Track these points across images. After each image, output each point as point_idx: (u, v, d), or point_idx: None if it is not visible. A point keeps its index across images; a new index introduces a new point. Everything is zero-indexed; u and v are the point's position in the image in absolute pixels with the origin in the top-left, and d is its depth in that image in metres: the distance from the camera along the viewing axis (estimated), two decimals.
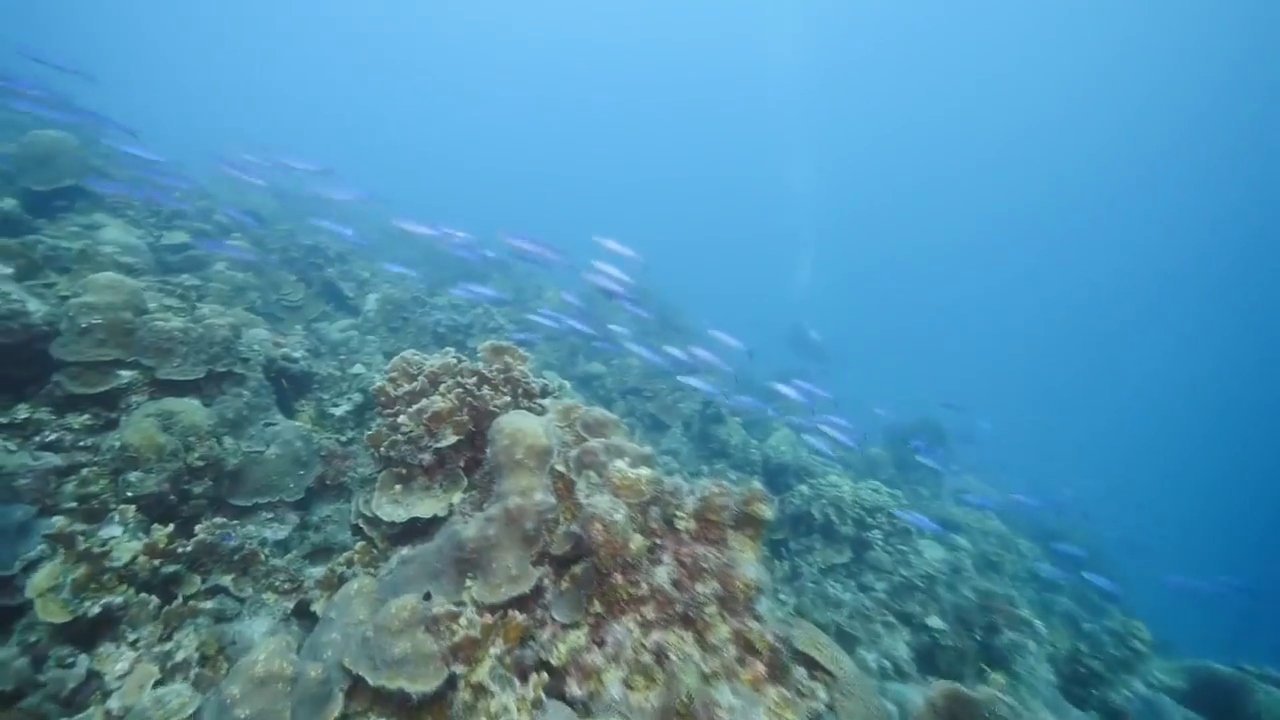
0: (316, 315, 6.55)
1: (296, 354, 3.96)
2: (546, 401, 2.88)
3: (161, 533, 2.15)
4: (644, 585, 2.01)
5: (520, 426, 2.43)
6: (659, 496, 2.21)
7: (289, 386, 3.92)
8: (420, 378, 2.75)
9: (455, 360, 2.84)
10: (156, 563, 2.09)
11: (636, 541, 1.98)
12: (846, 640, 3.89)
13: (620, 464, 2.14)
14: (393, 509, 2.53)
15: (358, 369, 4.62)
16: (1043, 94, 42.30)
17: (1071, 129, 42.77)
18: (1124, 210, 43.82)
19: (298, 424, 3.49)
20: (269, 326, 4.76)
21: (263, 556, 2.53)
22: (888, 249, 53.53)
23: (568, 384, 3.11)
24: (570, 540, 2.24)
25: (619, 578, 1.98)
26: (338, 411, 4.12)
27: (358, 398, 4.19)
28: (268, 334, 3.99)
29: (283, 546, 3.01)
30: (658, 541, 2.16)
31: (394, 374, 2.83)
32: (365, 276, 7.32)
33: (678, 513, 2.22)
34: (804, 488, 5.85)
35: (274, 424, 3.24)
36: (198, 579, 2.33)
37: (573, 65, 57.38)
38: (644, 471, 2.13)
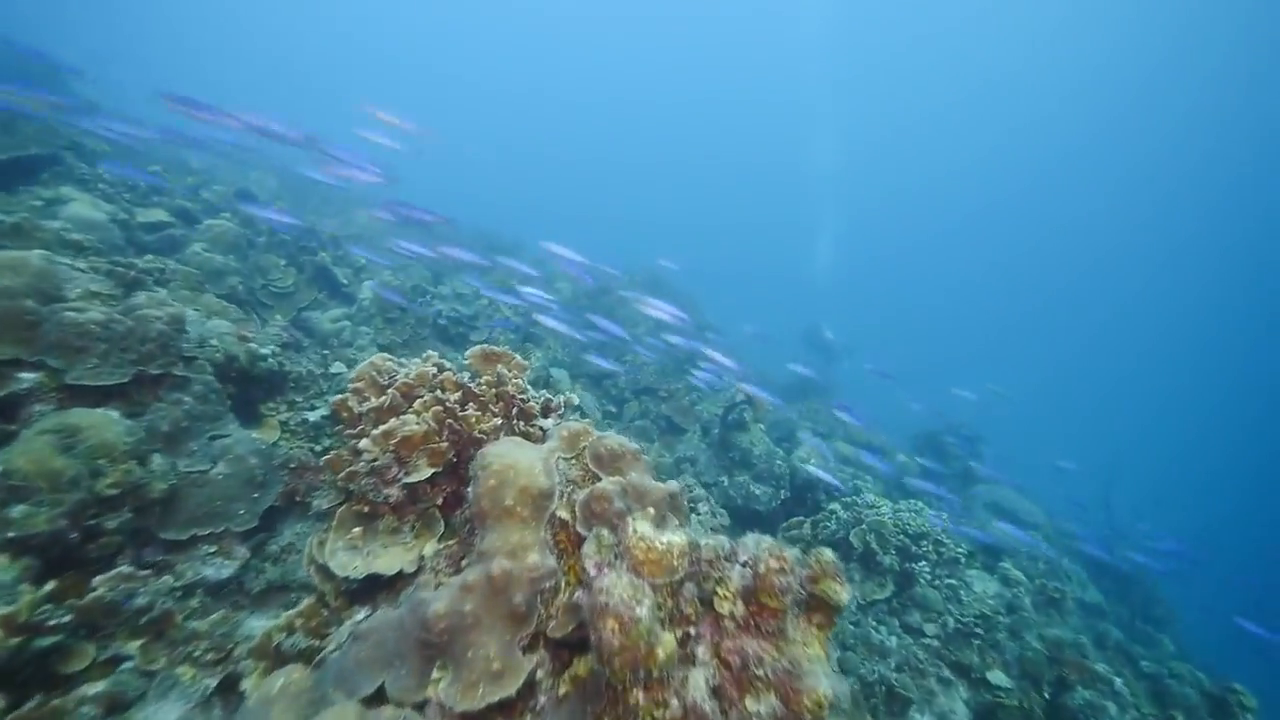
0: (308, 303, 6.02)
1: (264, 350, 3.42)
2: (549, 423, 2.30)
3: (25, 600, 1.62)
4: (674, 703, 1.44)
5: (512, 461, 1.86)
6: (695, 569, 1.64)
7: (255, 388, 3.39)
8: (391, 390, 2.19)
9: (435, 370, 2.28)
10: (15, 640, 1.56)
11: (666, 646, 1.41)
12: (897, 701, 3.32)
13: (643, 527, 1.56)
14: (348, 559, 1.98)
15: (338, 367, 4.08)
16: (1068, 86, 40.81)
17: (1096, 121, 41.32)
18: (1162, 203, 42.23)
19: (256, 435, 2.95)
20: (242, 316, 4.23)
21: (178, 619, 1.99)
22: (911, 235, 52.31)
23: (575, 398, 2.55)
24: (575, 617, 1.68)
25: (640, 695, 1.41)
26: (313, 416, 3.60)
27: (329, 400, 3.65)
28: (231, 326, 3.45)
29: (224, 588, 2.48)
30: (692, 630, 1.59)
31: (359, 384, 2.27)
32: (362, 262, 6.78)
33: (720, 589, 1.64)
34: (838, 507, 5.26)
35: (224, 436, 2.70)
36: (91, 649, 1.80)
37: (593, 47, 56.51)
38: (675, 540, 1.55)
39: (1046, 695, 3.64)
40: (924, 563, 4.44)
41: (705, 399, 8.11)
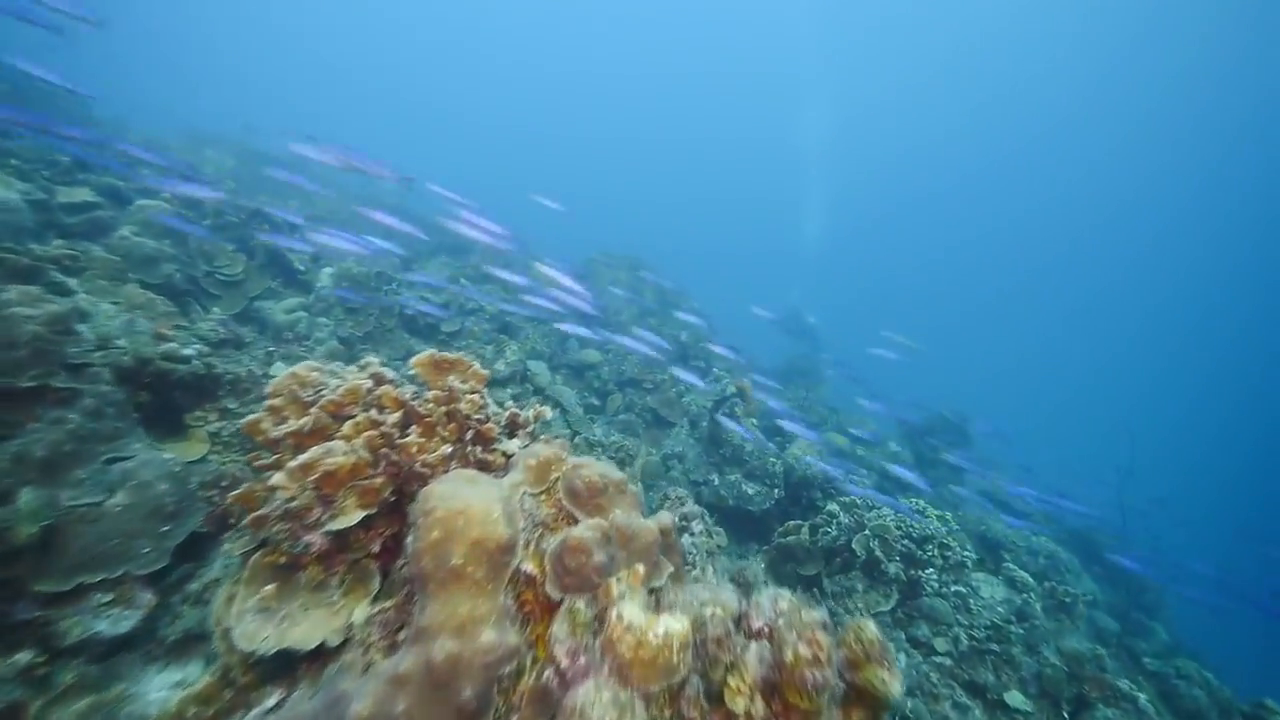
0: (259, 292, 5.50)
1: (188, 350, 2.95)
2: (514, 444, 1.89)
3: None
4: None
5: (462, 505, 1.45)
6: (699, 654, 1.25)
7: (179, 395, 2.92)
8: (315, 410, 1.76)
9: (372, 383, 1.85)
10: None
11: None
12: None
13: (631, 612, 1.16)
14: (257, 627, 1.56)
15: (279, 368, 3.61)
16: (1061, 55, 40.30)
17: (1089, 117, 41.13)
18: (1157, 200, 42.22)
19: (172, 453, 2.50)
20: (172, 309, 3.74)
21: (31, 712, 1.57)
22: (897, 210, 52.09)
23: (549, 410, 2.13)
24: (544, 708, 1.29)
25: None
26: None
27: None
28: (149, 324, 2.97)
29: (126, 644, 2.05)
30: None
31: (277, 400, 1.83)
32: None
33: (732, 680, 1.26)
34: (836, 508, 4.93)
35: (124, 459, 2.25)
36: None
37: (575, 17, 55.04)
38: (674, 628, 1.15)
39: (1067, 716, 3.37)
40: (931, 570, 4.13)
41: (693, 390, 7.74)
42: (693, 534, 2.76)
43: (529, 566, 1.51)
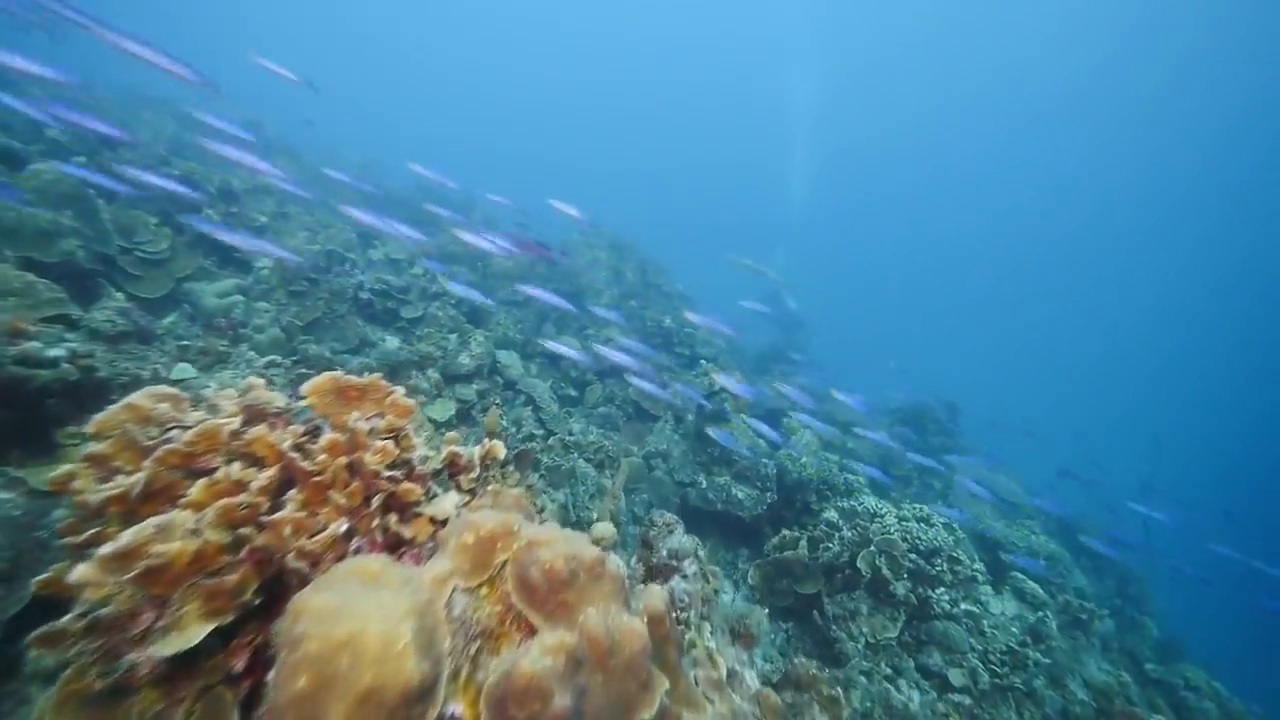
0: (189, 272, 4.84)
1: (54, 351, 2.35)
2: (449, 504, 1.37)
3: None
4: None
5: (347, 633, 0.93)
6: None
7: (51, 406, 2.34)
8: (153, 461, 1.21)
9: (240, 420, 1.30)
10: None
11: None
12: None
13: None
14: None
15: (183, 370, 3.03)
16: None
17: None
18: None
19: (6, 495, 1.93)
20: (56, 294, 3.11)
21: None
22: (885, 186, 51.57)
23: (502, 448, 1.62)
24: None
25: None
26: None
27: None
28: (4, 319, 2.37)
29: None
30: None
31: (104, 445, 1.28)
32: (263, 221, 5.57)
33: None
34: (835, 516, 4.52)
35: None
36: None
37: None
38: None
39: None
40: (941, 589, 3.74)
41: (678, 380, 7.25)
42: (685, 576, 2.29)
43: (458, 708, 1.00)
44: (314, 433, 1.30)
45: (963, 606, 3.81)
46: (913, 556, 3.85)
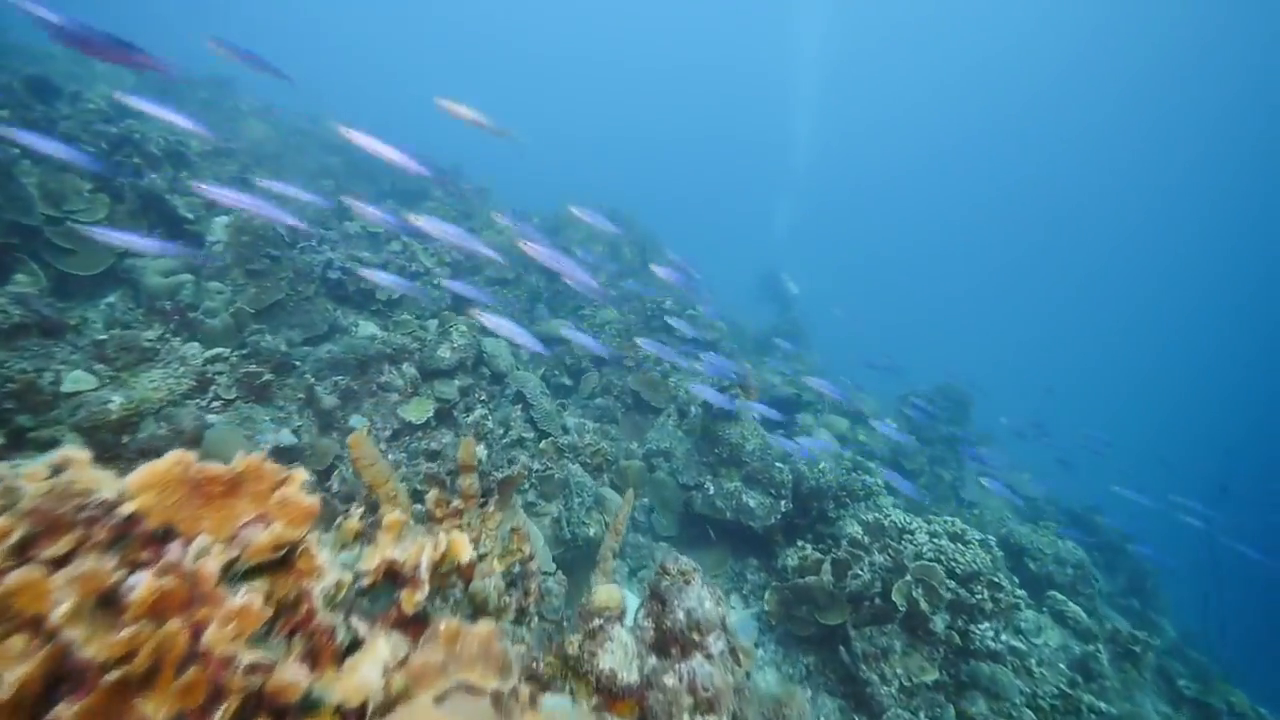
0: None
1: None
2: (367, 675, 0.84)
3: None
4: None
5: None
6: None
7: None
8: None
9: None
10: None
11: None
12: None
13: None
14: None
15: (77, 381, 2.48)
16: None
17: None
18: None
19: None
20: None
21: None
22: (886, 171, 50.42)
23: (467, 547, 1.11)
24: None
25: None
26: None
27: (71, 439, 2.09)
28: None
29: None
30: None
31: None
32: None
33: None
34: (856, 529, 4.07)
35: None
36: None
37: None
38: None
39: None
40: (986, 624, 3.31)
41: (681, 369, 6.74)
42: (710, 656, 1.81)
43: None
44: (144, 565, 0.77)
45: (1006, 640, 3.38)
46: (951, 584, 3.41)
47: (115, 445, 2.22)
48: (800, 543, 4.51)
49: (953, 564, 3.61)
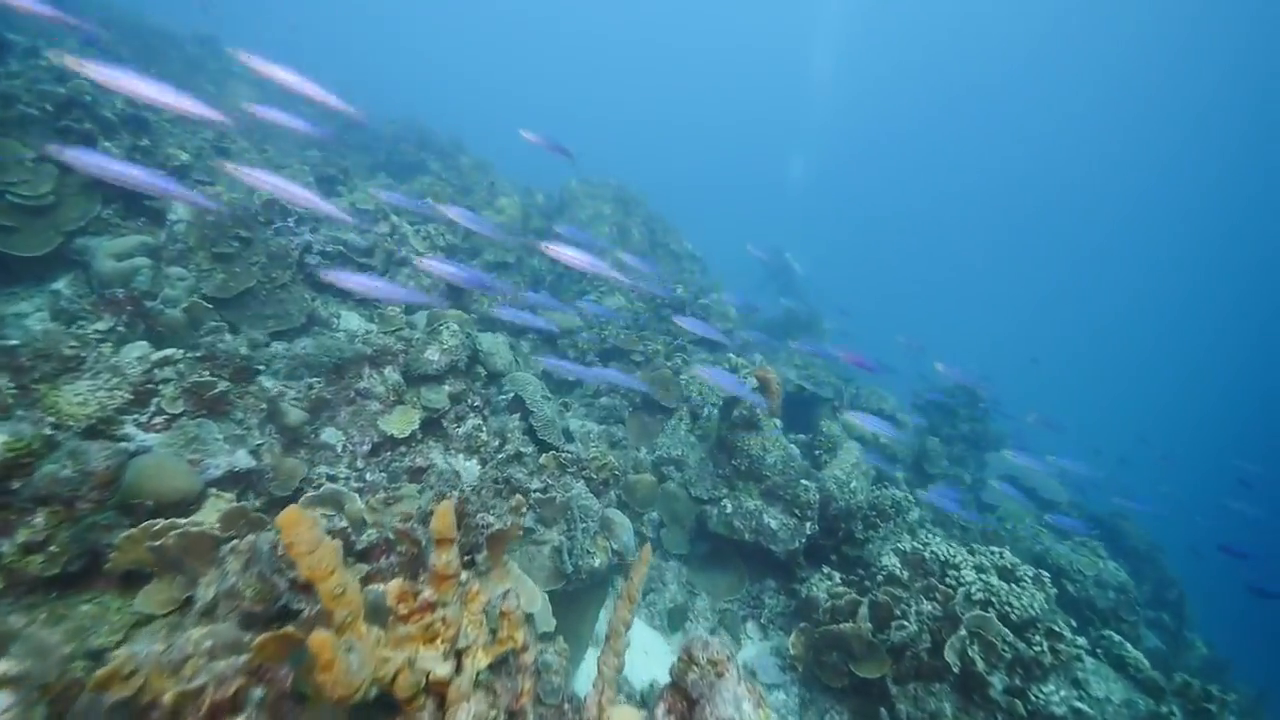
0: (78, 223, 3.74)
1: None
2: None
3: None
4: None
5: None
6: None
7: None
8: None
9: None
10: None
11: None
12: None
13: None
14: None
15: None
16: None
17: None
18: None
19: None
20: None
21: None
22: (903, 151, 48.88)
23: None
24: None
25: None
26: None
27: None
28: None
29: None
30: None
31: None
32: (183, 159, 4.41)
33: None
34: (893, 562, 3.63)
35: None
36: None
37: None
38: None
39: None
40: (1048, 685, 2.89)
41: (695, 364, 6.26)
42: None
43: None
44: None
45: (1069, 701, 2.96)
46: (1008, 638, 2.97)
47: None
48: (826, 569, 4.08)
49: (1007, 608, 3.18)
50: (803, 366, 8.67)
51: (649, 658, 3.84)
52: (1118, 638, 3.78)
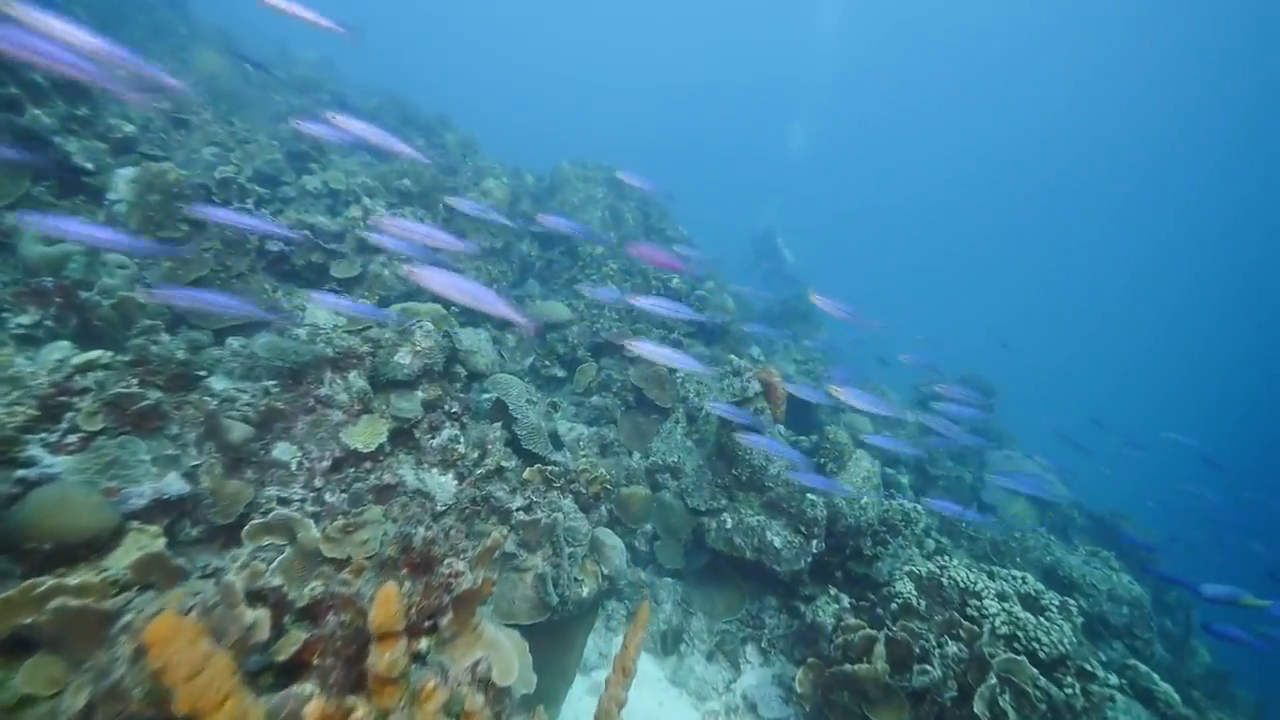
0: (9, 201, 3.31)
1: None
2: None
3: None
4: None
5: None
6: None
7: None
8: None
9: None
10: None
11: None
12: None
13: None
14: None
15: None
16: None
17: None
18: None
19: None
20: None
21: None
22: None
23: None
24: None
25: None
26: None
27: None
28: None
29: None
30: None
31: None
32: (129, 131, 3.95)
33: None
34: (908, 588, 3.34)
35: None
36: None
37: None
38: None
39: None
40: None
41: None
42: None
43: None
44: None
45: None
46: (1041, 683, 2.69)
47: None
48: (832, 591, 3.80)
49: (1034, 644, 2.90)
50: (802, 361, 8.36)
51: (640, 685, 3.55)
52: (1144, 669, 3.53)
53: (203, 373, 2.68)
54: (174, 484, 2.25)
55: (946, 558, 3.59)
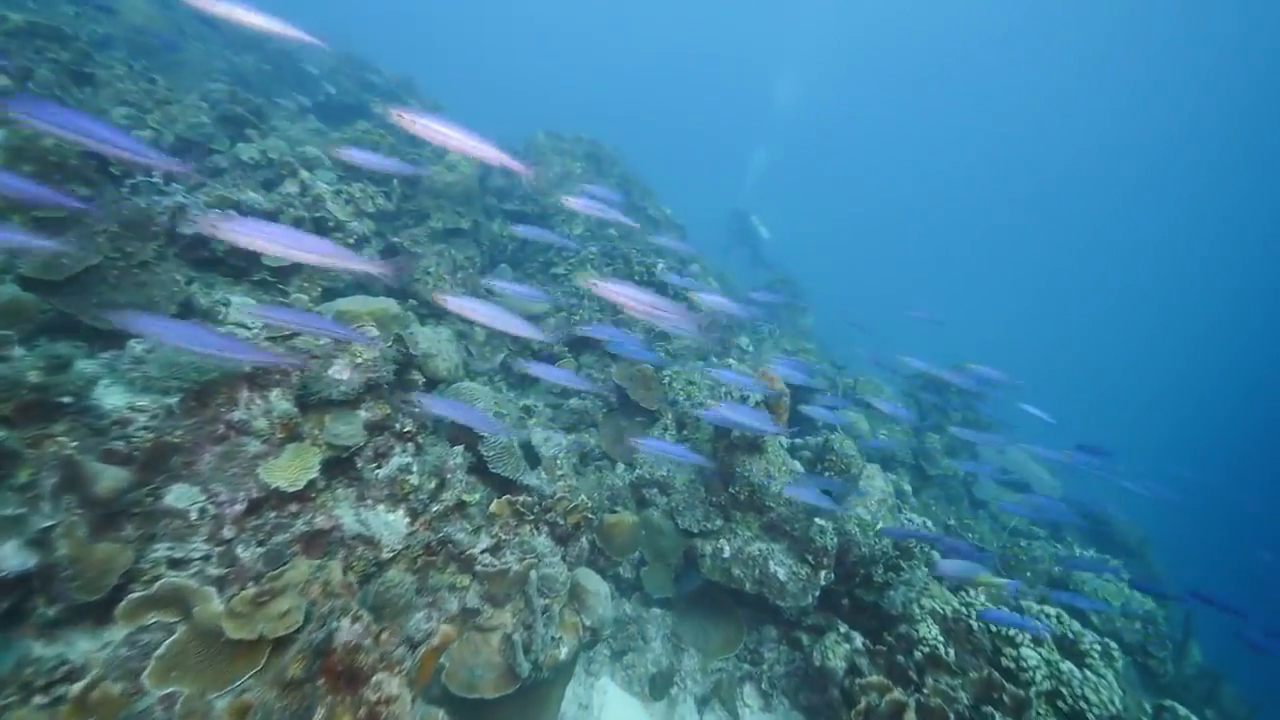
0: None
1: None
2: None
3: None
4: None
5: None
6: None
7: None
8: None
9: None
10: None
11: None
12: None
13: None
14: None
15: None
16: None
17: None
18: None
19: None
20: None
21: None
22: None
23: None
24: None
25: None
26: None
27: None
28: None
29: None
30: None
31: None
32: (2, 84, 3.23)
33: None
34: (933, 631, 2.93)
35: None
36: None
37: None
38: None
39: None
40: None
41: (681, 359, 5.42)
42: None
43: None
44: None
45: None
46: None
47: None
48: (842, 628, 3.39)
49: (1083, 704, 2.52)
50: (792, 352, 7.93)
51: None
52: (1183, 710, 3.20)
53: (65, 400, 2.08)
54: (12, 557, 1.69)
55: (971, 592, 3.19)
